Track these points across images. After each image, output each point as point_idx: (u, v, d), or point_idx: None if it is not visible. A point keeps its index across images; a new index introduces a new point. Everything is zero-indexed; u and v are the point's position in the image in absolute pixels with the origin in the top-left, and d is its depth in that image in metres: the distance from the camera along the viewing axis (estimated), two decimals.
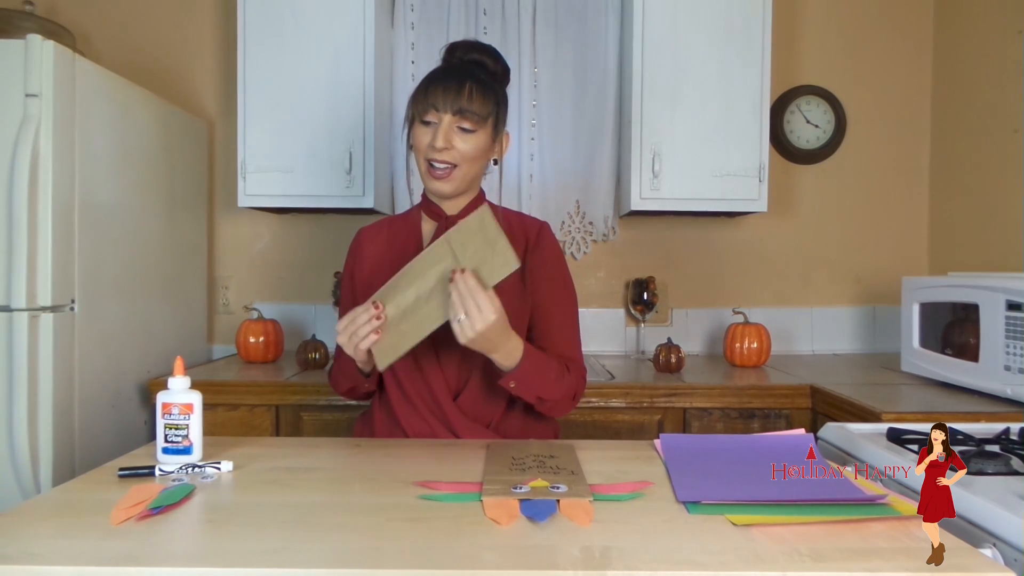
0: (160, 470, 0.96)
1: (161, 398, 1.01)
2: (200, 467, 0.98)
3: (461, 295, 1.02)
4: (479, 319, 1.02)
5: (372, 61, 2.07)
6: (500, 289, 1.22)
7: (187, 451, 1.01)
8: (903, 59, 2.45)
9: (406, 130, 1.25)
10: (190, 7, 2.40)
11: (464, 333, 1.03)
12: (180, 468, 0.97)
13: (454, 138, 1.17)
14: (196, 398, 1.02)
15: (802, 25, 2.44)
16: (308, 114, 2.07)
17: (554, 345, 1.26)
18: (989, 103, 2.17)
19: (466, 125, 1.17)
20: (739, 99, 2.09)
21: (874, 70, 2.45)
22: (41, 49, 1.54)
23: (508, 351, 1.10)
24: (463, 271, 1.02)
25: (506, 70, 1.29)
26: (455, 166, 1.18)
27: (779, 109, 2.39)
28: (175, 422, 1.00)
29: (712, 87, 2.09)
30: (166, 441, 1.01)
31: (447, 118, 1.17)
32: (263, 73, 2.07)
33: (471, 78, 1.18)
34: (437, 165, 1.18)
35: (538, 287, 1.26)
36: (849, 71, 2.44)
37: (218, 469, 0.98)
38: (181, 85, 2.39)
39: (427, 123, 1.18)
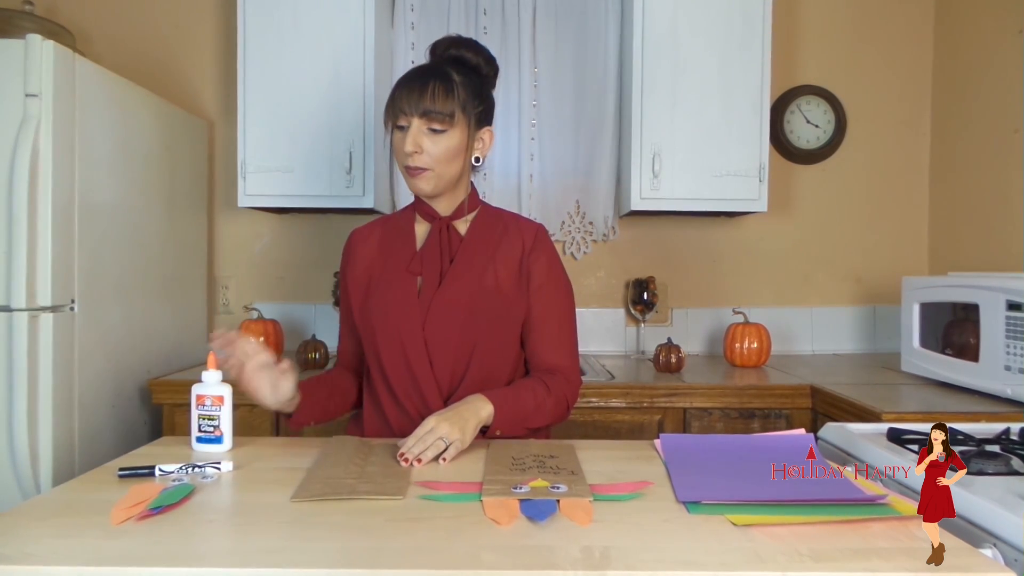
0: (160, 470, 0.97)
1: (195, 390, 1.06)
2: (200, 467, 0.98)
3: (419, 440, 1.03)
4: (446, 440, 1.04)
5: (372, 61, 2.07)
6: (500, 285, 1.23)
7: (218, 440, 1.06)
8: (903, 59, 2.45)
9: (388, 136, 1.25)
10: (190, 7, 2.40)
11: (451, 450, 1.04)
12: (180, 468, 0.97)
13: (423, 141, 1.17)
14: (227, 391, 1.07)
15: (802, 25, 2.44)
16: (308, 114, 2.07)
17: (546, 354, 1.27)
18: (989, 103, 2.17)
19: (435, 126, 1.16)
20: (739, 99, 2.10)
21: (874, 70, 2.45)
22: (41, 49, 1.54)
23: (480, 418, 1.11)
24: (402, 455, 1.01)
25: (489, 60, 1.27)
26: (429, 168, 1.18)
27: (779, 109, 2.39)
28: (208, 413, 1.06)
29: (712, 87, 2.09)
30: (200, 431, 1.06)
31: (415, 121, 1.16)
32: (263, 73, 2.07)
33: (436, 77, 1.17)
34: (412, 169, 1.19)
35: (536, 294, 1.26)
36: (849, 71, 2.44)
37: (218, 469, 0.98)
38: (181, 85, 2.39)
39: (400, 127, 1.19)
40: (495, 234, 1.28)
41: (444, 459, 1.02)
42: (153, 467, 0.97)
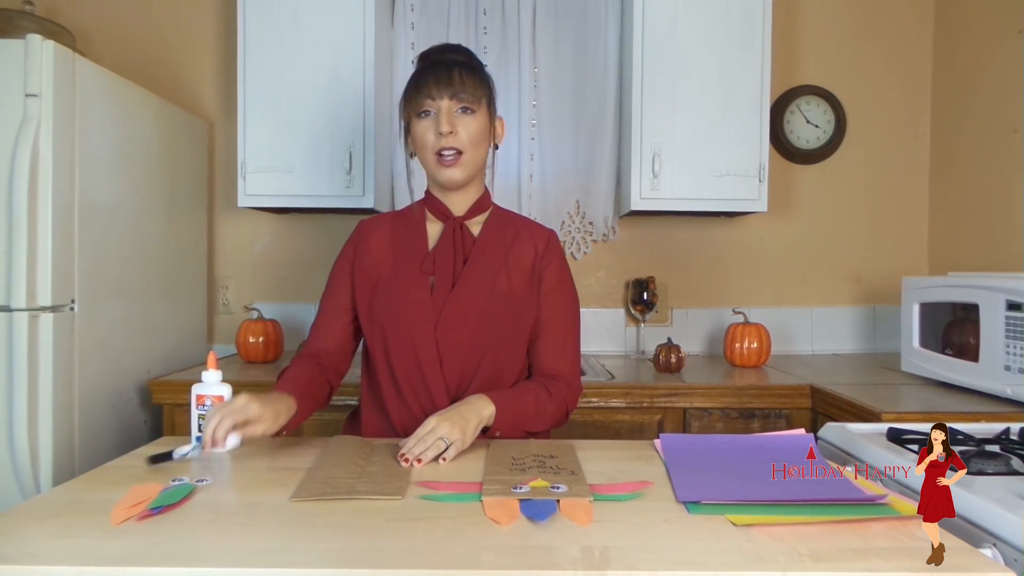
0: (179, 453, 1.01)
1: (195, 390, 1.07)
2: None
3: (420, 440, 1.03)
4: (447, 441, 1.03)
5: (372, 61, 2.07)
6: (512, 288, 1.23)
7: None
8: (903, 59, 2.45)
9: (402, 134, 1.25)
10: (190, 7, 2.40)
11: (451, 450, 1.03)
12: (193, 448, 1.02)
13: (456, 122, 1.18)
14: (227, 390, 1.07)
15: (802, 25, 2.44)
16: (308, 114, 2.07)
17: (550, 360, 1.27)
18: (989, 103, 2.17)
19: (465, 105, 1.19)
20: (739, 99, 2.09)
21: (874, 70, 2.45)
22: (41, 49, 1.54)
23: (482, 418, 1.11)
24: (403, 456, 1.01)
25: (481, 66, 1.30)
26: (461, 152, 1.19)
27: (779, 109, 2.39)
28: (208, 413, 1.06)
29: (712, 87, 2.09)
30: (200, 431, 1.05)
31: (445, 103, 1.18)
32: (263, 73, 2.07)
33: (457, 65, 1.20)
34: (445, 153, 1.19)
35: (545, 299, 1.27)
36: (849, 71, 2.44)
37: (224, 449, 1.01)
38: (181, 85, 2.39)
39: (425, 114, 1.19)
40: (507, 237, 1.28)
41: (444, 459, 1.02)
42: (172, 450, 1.01)
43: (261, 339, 2.11)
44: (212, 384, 1.07)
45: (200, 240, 2.31)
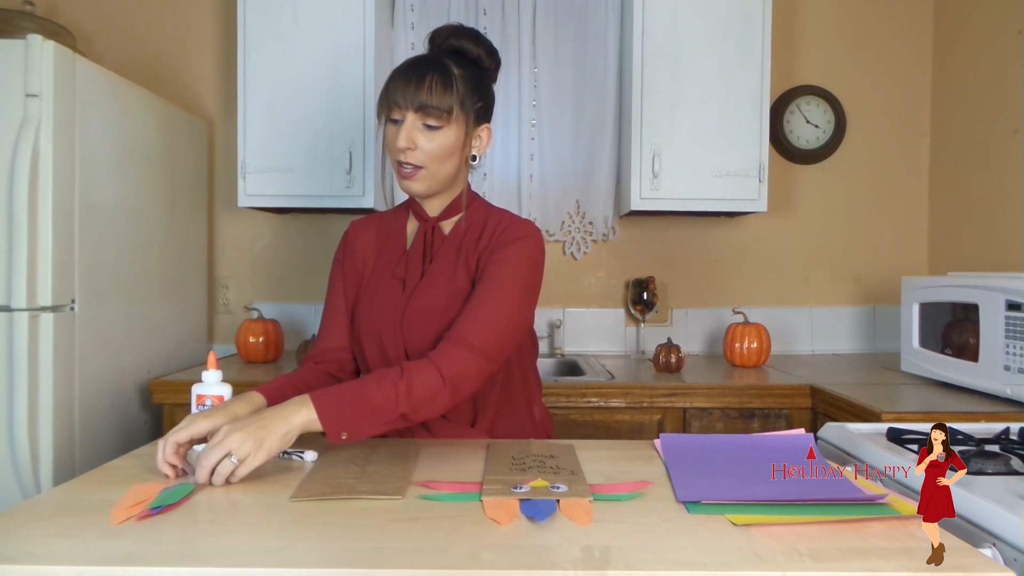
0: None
1: (195, 390, 1.06)
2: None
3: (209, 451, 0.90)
4: (235, 459, 0.90)
5: (372, 61, 2.07)
6: (471, 284, 1.17)
7: None
8: (903, 59, 2.46)
9: (380, 129, 1.19)
10: (190, 7, 2.40)
11: (242, 468, 0.90)
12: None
13: (418, 137, 1.11)
14: (227, 390, 1.07)
15: (802, 25, 2.44)
16: (308, 114, 2.07)
17: (458, 321, 1.10)
18: (989, 103, 2.17)
19: (430, 122, 1.11)
20: (739, 99, 2.10)
21: (874, 70, 2.45)
22: (41, 49, 1.54)
23: (292, 424, 0.94)
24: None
25: (491, 53, 1.22)
26: (421, 167, 1.13)
27: (779, 109, 2.39)
28: None
29: (712, 87, 2.10)
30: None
31: (410, 116, 1.11)
32: (263, 73, 2.07)
33: (434, 69, 1.11)
34: (404, 166, 1.14)
35: (484, 268, 1.15)
36: (849, 71, 2.44)
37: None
38: (181, 85, 2.39)
39: (394, 121, 1.13)
40: (476, 233, 1.21)
41: (233, 478, 0.91)
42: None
43: (261, 339, 2.11)
44: (212, 384, 1.07)
45: (200, 240, 2.31)
